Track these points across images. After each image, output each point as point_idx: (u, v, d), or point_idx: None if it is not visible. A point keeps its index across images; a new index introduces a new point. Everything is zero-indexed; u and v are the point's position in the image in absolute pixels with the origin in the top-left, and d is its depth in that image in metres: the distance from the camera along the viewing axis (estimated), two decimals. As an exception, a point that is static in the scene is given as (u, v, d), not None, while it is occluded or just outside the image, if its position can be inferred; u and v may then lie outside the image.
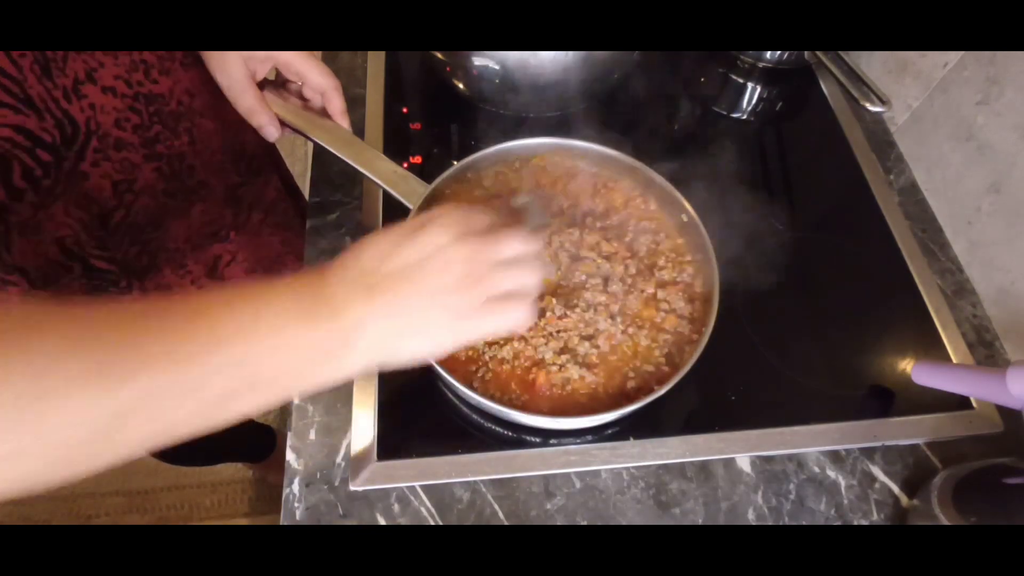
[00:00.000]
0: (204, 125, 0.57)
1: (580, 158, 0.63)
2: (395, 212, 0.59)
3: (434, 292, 0.33)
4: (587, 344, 0.52)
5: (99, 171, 0.48)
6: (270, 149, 0.75)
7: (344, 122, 0.54)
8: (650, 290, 0.55)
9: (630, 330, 0.53)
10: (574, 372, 0.50)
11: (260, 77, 0.53)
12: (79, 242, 0.49)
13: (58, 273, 0.50)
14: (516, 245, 0.35)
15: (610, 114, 0.77)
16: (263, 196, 0.71)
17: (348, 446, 0.52)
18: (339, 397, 0.54)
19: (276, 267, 0.75)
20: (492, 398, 0.49)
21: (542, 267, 0.36)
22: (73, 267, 0.50)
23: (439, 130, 0.73)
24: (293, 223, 0.80)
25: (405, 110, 0.74)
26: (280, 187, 0.79)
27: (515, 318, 0.35)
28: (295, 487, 0.51)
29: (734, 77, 0.80)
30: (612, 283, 0.55)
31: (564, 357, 0.51)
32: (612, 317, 0.53)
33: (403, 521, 0.50)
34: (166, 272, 0.59)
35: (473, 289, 0.33)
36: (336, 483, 0.51)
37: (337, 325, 0.32)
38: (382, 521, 0.50)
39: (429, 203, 0.58)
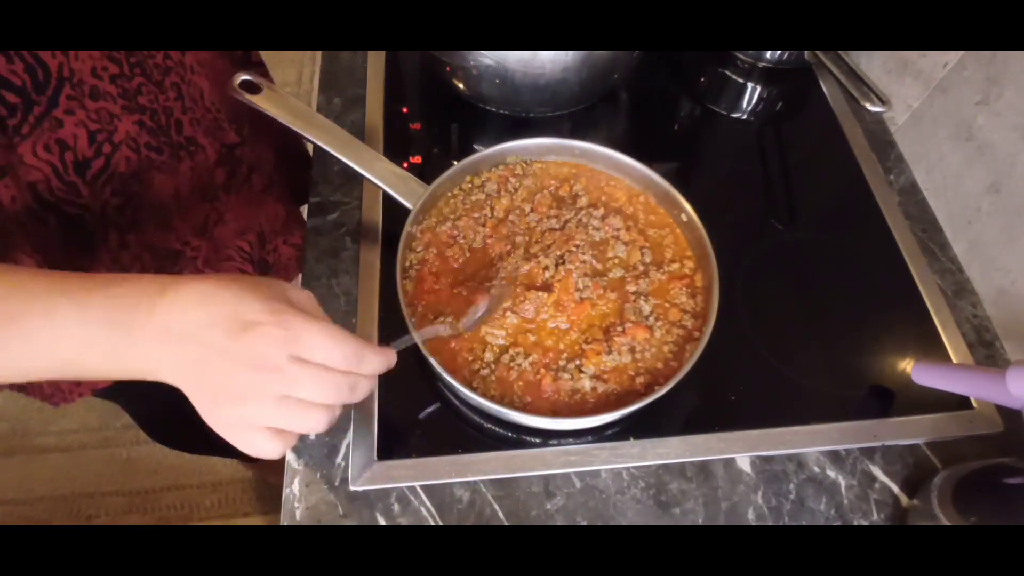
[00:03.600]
0: (196, 82, 0.56)
1: (580, 158, 0.63)
2: (395, 212, 0.59)
3: (236, 392, 0.33)
4: (605, 357, 0.52)
5: (73, 119, 0.47)
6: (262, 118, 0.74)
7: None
8: (662, 278, 0.56)
9: (650, 319, 0.53)
10: (586, 384, 0.50)
11: None
12: (51, 189, 0.48)
13: (36, 226, 0.49)
14: (334, 355, 0.34)
15: (610, 114, 0.77)
16: (264, 159, 0.70)
17: (348, 446, 0.52)
18: (339, 397, 0.54)
19: (278, 236, 0.74)
20: (492, 399, 0.49)
21: (344, 385, 0.35)
22: (48, 218, 0.49)
23: (439, 130, 0.73)
24: (303, 196, 0.79)
25: (405, 110, 0.74)
26: (289, 153, 0.78)
27: (308, 424, 0.35)
28: (295, 487, 0.51)
29: (734, 77, 0.80)
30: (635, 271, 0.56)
31: (573, 365, 0.51)
32: (644, 298, 0.54)
33: (403, 521, 0.50)
34: (150, 227, 0.58)
35: (275, 407, 0.34)
36: (336, 483, 0.51)
37: (135, 367, 0.35)
38: (382, 521, 0.50)
39: (430, 204, 0.58)
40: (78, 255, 0.53)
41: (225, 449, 1.22)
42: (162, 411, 0.96)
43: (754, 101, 0.79)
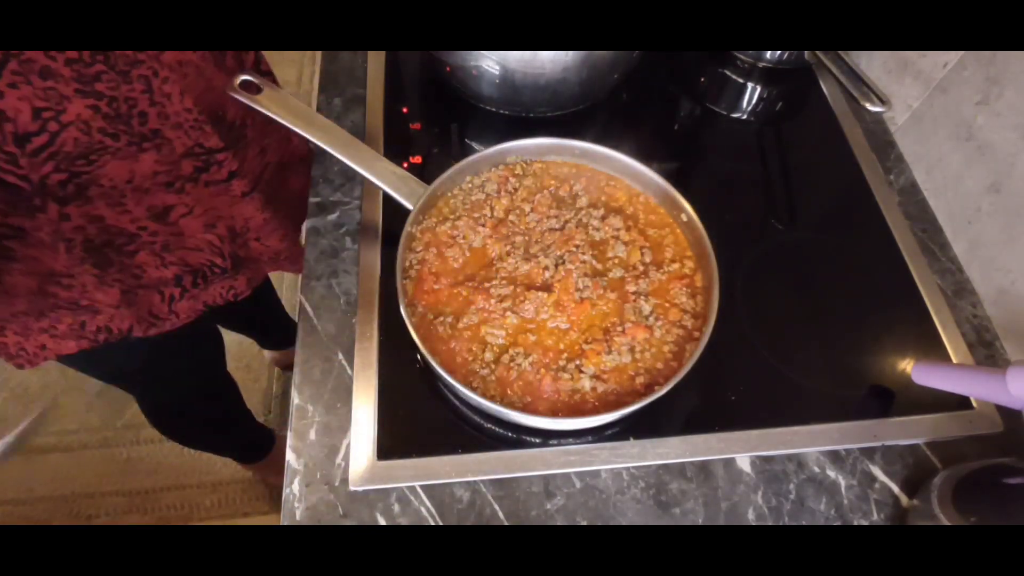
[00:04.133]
0: (171, 79, 0.55)
1: (580, 158, 0.63)
2: (395, 212, 0.59)
3: None
4: (605, 357, 0.52)
5: (17, 92, 0.47)
6: (270, 126, 0.73)
7: None
8: (662, 278, 0.56)
9: (650, 319, 0.53)
10: (586, 384, 0.50)
11: None
12: None
13: None
14: None
15: (610, 114, 0.77)
16: (247, 166, 0.69)
17: (348, 446, 0.52)
18: (339, 397, 0.54)
19: (249, 233, 0.73)
20: (492, 399, 0.49)
21: None
22: None
23: (439, 130, 0.73)
24: (289, 206, 0.78)
25: (405, 110, 0.74)
26: (284, 165, 0.77)
27: None
28: (295, 487, 0.51)
29: (734, 77, 0.80)
30: (634, 271, 0.56)
31: (573, 365, 0.51)
32: (644, 298, 0.54)
33: (403, 521, 0.50)
34: (99, 205, 0.57)
35: None
36: (336, 483, 0.51)
37: None
38: (382, 521, 0.50)
39: (429, 204, 0.58)
40: (17, 217, 0.54)
41: (220, 447, 1.20)
42: (169, 400, 0.97)
43: (754, 101, 0.79)
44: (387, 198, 0.60)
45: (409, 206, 0.56)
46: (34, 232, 0.55)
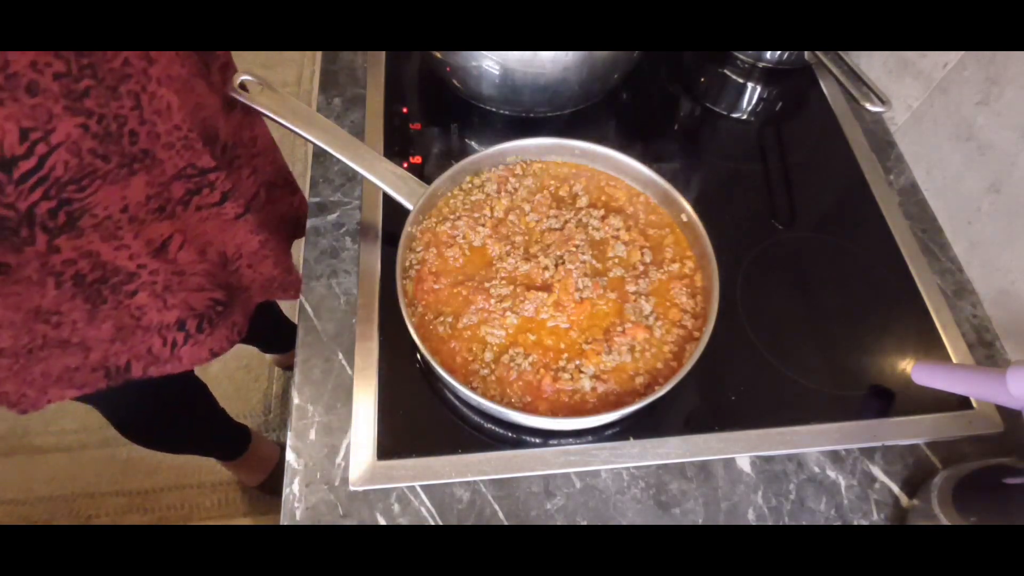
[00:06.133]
0: (160, 95, 0.53)
1: (580, 158, 0.63)
2: (395, 212, 0.59)
3: None
4: (605, 357, 0.52)
5: (2, 112, 0.44)
6: (257, 145, 0.71)
7: None
8: (662, 278, 0.56)
9: (650, 319, 0.53)
10: (586, 384, 0.50)
11: None
12: None
13: None
14: None
15: (610, 114, 0.77)
16: (241, 187, 0.67)
17: (348, 446, 0.52)
18: (339, 397, 0.54)
19: (241, 259, 0.71)
20: (492, 399, 0.49)
21: None
22: None
23: (439, 130, 0.73)
24: (280, 229, 0.76)
25: (405, 110, 0.74)
26: (273, 185, 0.76)
27: None
28: (295, 487, 0.51)
29: (734, 77, 0.80)
30: (635, 271, 0.56)
31: (573, 365, 0.51)
32: (645, 298, 0.54)
33: (403, 521, 0.50)
34: (93, 238, 0.54)
35: None
36: (336, 483, 0.51)
37: None
38: (382, 521, 0.50)
39: (429, 204, 0.58)
40: (1, 251, 0.50)
41: (203, 447, 1.17)
42: (135, 412, 0.95)
43: (754, 101, 0.79)
44: (387, 198, 0.60)
45: (409, 206, 0.56)
46: (19, 269, 0.52)
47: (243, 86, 0.57)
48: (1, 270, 0.51)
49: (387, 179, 0.57)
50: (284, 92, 0.58)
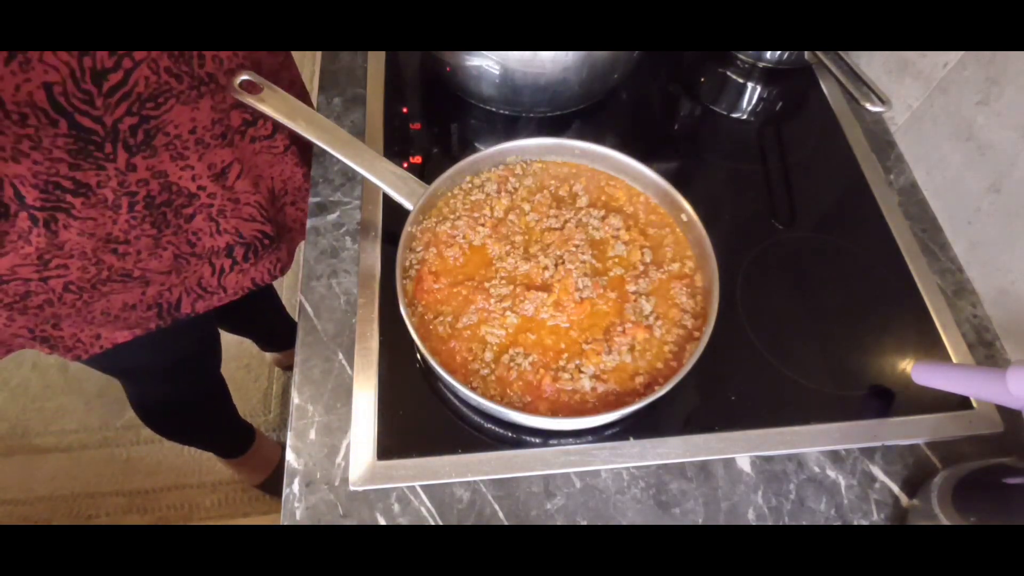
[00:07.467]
0: None
1: (580, 158, 0.63)
2: (395, 212, 0.59)
3: None
4: (605, 357, 0.52)
5: None
6: (295, 87, 0.74)
7: None
8: (662, 278, 0.56)
9: (650, 319, 0.53)
10: (586, 384, 0.50)
11: None
12: (66, 93, 0.47)
13: (46, 129, 0.48)
14: None
15: (610, 114, 0.77)
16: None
17: (348, 446, 0.52)
18: (339, 397, 0.54)
19: (287, 196, 0.73)
20: (492, 399, 0.49)
21: None
22: (60, 122, 0.49)
23: (439, 130, 0.73)
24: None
25: (405, 110, 0.74)
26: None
27: None
28: (295, 487, 0.51)
29: (734, 77, 0.80)
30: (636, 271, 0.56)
31: (573, 365, 0.51)
32: (646, 298, 0.54)
33: (403, 521, 0.50)
34: (163, 158, 0.57)
35: None
36: (336, 483, 0.51)
37: None
38: (382, 521, 0.50)
39: (429, 204, 0.58)
40: (85, 170, 0.52)
41: (212, 442, 1.19)
42: (160, 399, 0.97)
43: (754, 101, 0.79)
44: (387, 198, 0.60)
45: (409, 206, 0.56)
46: (99, 189, 0.54)
47: (244, 85, 0.57)
48: (82, 191, 0.53)
49: (387, 179, 0.57)
50: (284, 92, 0.58)
